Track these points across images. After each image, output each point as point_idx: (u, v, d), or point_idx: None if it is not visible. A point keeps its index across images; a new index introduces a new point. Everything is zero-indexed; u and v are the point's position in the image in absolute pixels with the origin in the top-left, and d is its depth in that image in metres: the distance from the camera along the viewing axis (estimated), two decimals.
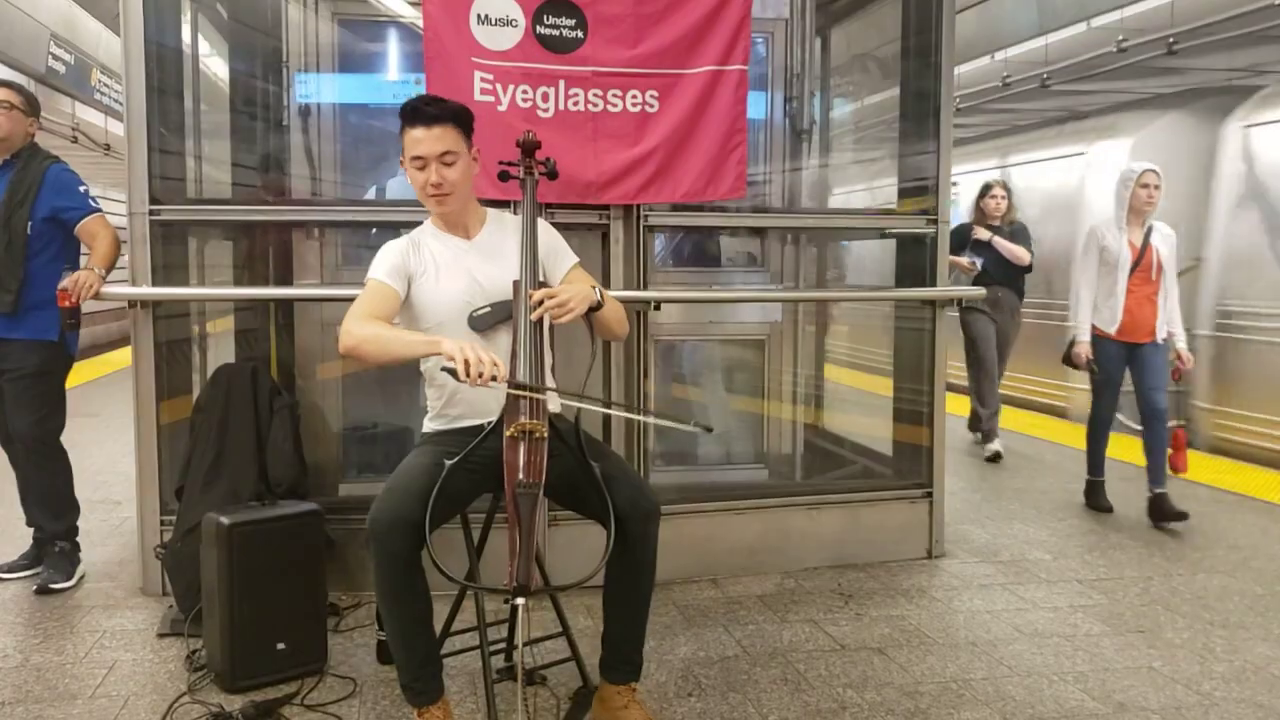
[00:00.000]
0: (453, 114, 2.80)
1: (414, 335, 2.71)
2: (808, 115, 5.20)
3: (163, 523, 3.80)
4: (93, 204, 3.97)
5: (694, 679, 3.21)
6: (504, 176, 3.09)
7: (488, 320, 2.77)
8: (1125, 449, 5.53)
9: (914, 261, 4.56)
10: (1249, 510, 5.32)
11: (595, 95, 3.84)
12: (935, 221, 4.35)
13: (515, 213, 3.14)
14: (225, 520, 3.07)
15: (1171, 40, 7.66)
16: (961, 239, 6.56)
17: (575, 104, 3.83)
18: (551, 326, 2.78)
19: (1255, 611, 3.85)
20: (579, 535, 3.61)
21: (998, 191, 6.74)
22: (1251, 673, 3.30)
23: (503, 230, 2.94)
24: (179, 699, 3.01)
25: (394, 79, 4.86)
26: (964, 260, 6.51)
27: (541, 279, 2.82)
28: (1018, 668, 3.33)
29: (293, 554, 3.17)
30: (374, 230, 4.41)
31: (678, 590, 3.97)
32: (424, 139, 2.76)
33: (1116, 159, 7.87)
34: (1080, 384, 6.03)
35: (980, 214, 6.70)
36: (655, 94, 3.89)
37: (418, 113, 2.77)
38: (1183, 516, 4.93)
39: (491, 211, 3.00)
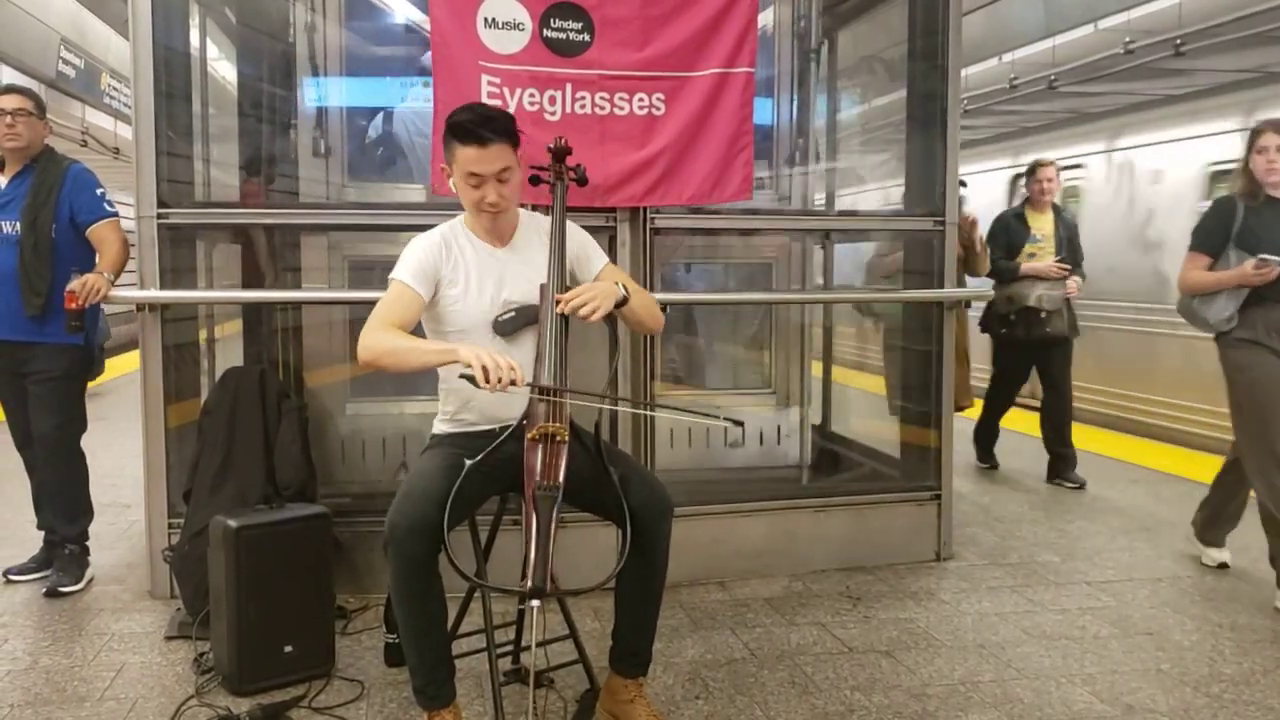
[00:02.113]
0: (506, 130, 2.71)
1: (430, 345, 2.70)
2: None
3: (171, 526, 3.81)
4: (107, 208, 3.96)
5: (701, 681, 3.21)
6: (534, 181, 3.03)
7: (513, 324, 2.76)
8: (1127, 450, 5.50)
9: (922, 263, 4.55)
10: (1256, 512, 5.28)
11: (602, 98, 3.84)
12: (943, 223, 4.35)
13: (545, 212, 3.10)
14: (233, 523, 3.07)
15: (1179, 41, 7.63)
16: (1222, 228, 4.02)
17: (582, 107, 3.83)
18: (568, 329, 2.77)
19: (1264, 614, 3.83)
20: (587, 537, 3.61)
21: (1270, 140, 3.93)
22: (1261, 675, 3.28)
23: (533, 234, 2.90)
24: (187, 702, 3.02)
25: (402, 82, 4.88)
26: (1248, 264, 3.84)
27: (569, 284, 2.81)
28: (1026, 670, 3.32)
29: (300, 557, 3.17)
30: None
31: (685, 593, 3.97)
32: (479, 158, 2.68)
33: None
34: None
35: (1249, 182, 3.98)
36: (662, 97, 3.89)
37: (471, 133, 2.66)
38: None
39: (523, 214, 2.95)
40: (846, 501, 4.39)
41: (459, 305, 2.77)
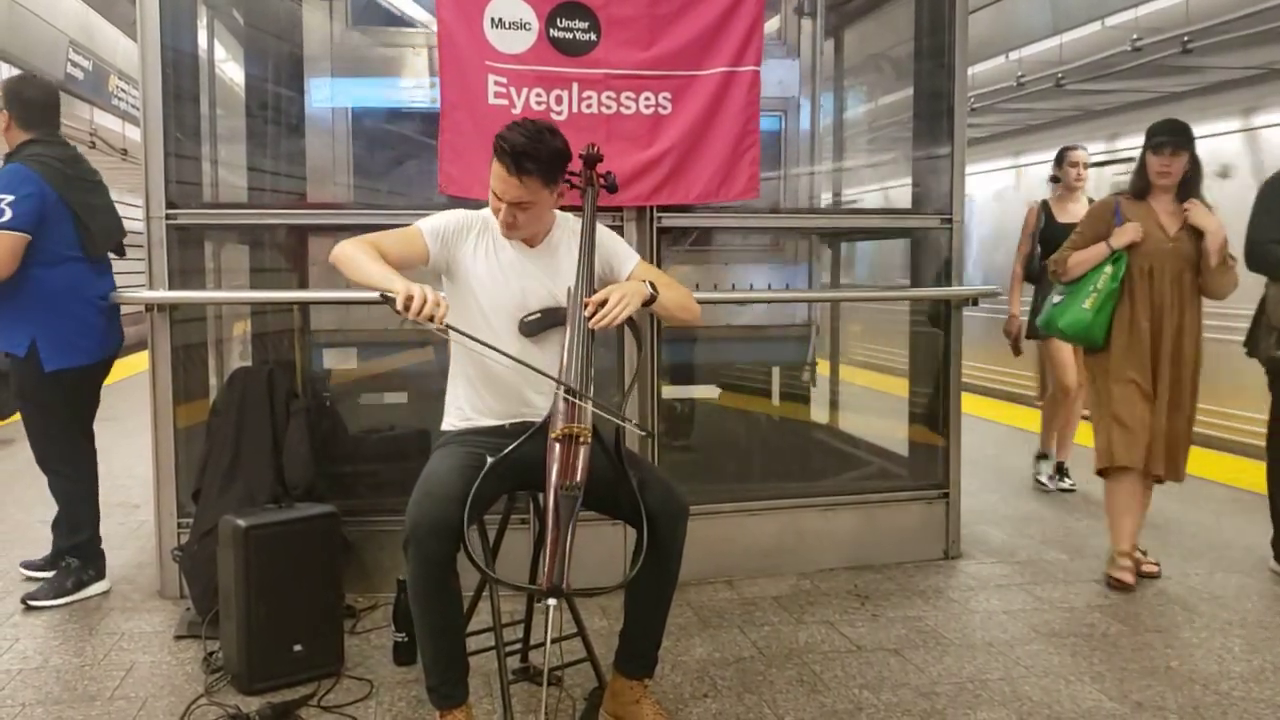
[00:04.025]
0: (546, 170, 2.65)
1: (377, 267, 2.59)
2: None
3: (180, 525, 3.82)
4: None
5: (710, 680, 3.21)
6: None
7: (538, 326, 2.76)
8: None
9: (930, 261, 4.55)
10: (1266, 510, 5.27)
11: (609, 97, 3.84)
12: (950, 221, 4.34)
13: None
14: (242, 522, 3.08)
15: (1186, 39, 7.60)
16: None
17: (589, 106, 3.83)
18: (594, 331, 2.72)
19: (1273, 611, 3.82)
20: (593, 536, 3.61)
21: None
22: (1270, 673, 3.28)
23: (565, 237, 2.87)
24: (196, 701, 3.03)
25: (409, 82, 4.89)
26: None
27: (596, 286, 2.78)
28: (1034, 668, 3.32)
29: (309, 556, 3.18)
30: None
31: (693, 591, 3.97)
32: (503, 181, 2.64)
33: None
34: None
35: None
36: (668, 96, 3.90)
37: (506, 156, 2.61)
38: None
39: (558, 215, 2.89)
40: (855, 500, 4.39)
41: (482, 289, 2.75)
